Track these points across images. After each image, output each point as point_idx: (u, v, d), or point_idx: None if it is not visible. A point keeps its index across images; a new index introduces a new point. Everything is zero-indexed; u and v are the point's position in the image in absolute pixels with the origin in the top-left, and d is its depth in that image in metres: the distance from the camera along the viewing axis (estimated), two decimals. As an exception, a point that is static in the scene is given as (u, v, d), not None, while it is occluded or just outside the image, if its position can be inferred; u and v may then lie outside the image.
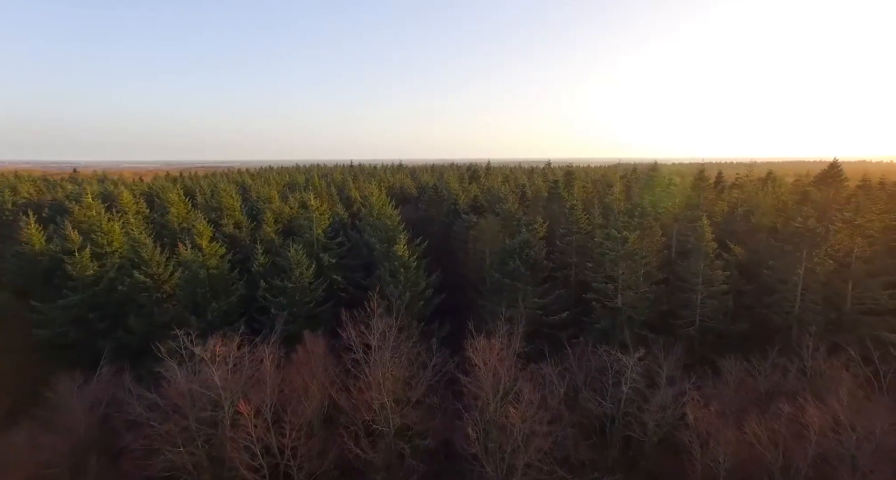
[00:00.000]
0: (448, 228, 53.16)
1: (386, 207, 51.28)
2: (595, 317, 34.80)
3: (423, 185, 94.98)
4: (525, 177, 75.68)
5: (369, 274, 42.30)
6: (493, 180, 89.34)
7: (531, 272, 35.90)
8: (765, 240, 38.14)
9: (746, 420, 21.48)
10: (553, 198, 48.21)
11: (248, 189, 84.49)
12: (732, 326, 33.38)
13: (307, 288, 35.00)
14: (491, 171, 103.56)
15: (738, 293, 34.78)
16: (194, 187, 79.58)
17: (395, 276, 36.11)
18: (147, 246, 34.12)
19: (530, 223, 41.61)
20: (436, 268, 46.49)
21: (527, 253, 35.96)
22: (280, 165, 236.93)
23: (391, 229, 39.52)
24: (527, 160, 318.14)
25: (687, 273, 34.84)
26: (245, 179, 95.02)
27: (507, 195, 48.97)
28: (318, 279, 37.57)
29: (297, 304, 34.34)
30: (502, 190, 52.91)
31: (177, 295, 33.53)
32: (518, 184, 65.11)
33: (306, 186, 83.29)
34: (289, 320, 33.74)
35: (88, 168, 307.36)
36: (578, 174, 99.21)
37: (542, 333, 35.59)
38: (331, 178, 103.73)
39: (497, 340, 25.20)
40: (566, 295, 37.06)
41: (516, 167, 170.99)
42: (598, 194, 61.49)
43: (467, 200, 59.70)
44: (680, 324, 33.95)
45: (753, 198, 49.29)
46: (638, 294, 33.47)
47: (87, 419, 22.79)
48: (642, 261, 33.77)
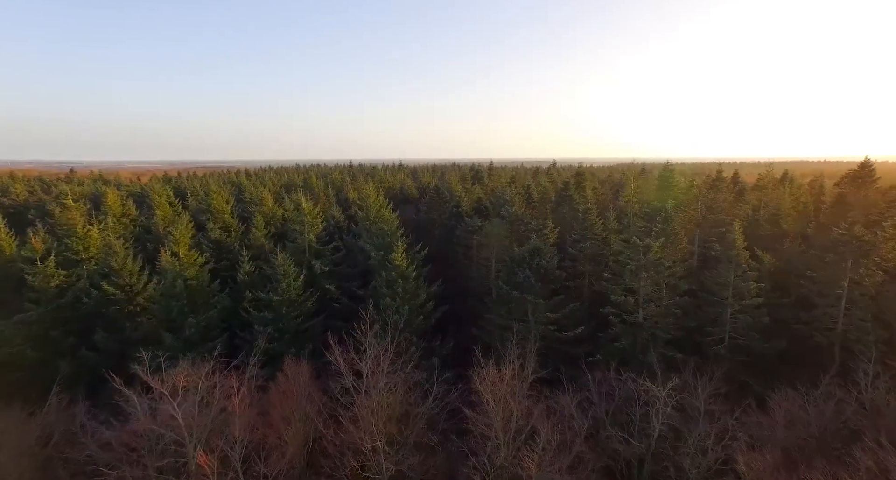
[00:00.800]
0: (450, 232, 49.53)
1: (384, 209, 47.65)
2: (614, 333, 31.14)
3: (424, 185, 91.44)
4: (530, 178, 71.83)
5: (366, 283, 38.67)
6: (497, 180, 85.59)
7: (542, 283, 32.24)
8: (796, 247, 34.38)
9: (807, 468, 17.78)
10: (563, 201, 44.54)
11: (244, 190, 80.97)
12: (767, 343, 29.67)
13: (295, 301, 31.35)
14: (494, 171, 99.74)
15: (772, 307, 31.06)
16: (188, 188, 76.00)
17: (392, 287, 32.46)
18: (118, 254, 30.50)
19: (540, 229, 37.95)
20: (437, 276, 42.88)
21: (538, 262, 32.30)
22: (281, 165, 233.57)
23: (388, 235, 35.88)
24: (528, 160, 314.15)
25: (714, 285, 31.13)
26: (242, 179, 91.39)
27: (513, 198, 45.27)
28: (308, 291, 33.95)
29: (283, 319, 30.72)
30: (508, 192, 49.23)
31: (150, 309, 29.89)
32: (523, 185, 61.41)
33: (304, 186, 79.77)
34: (274, 336, 30.13)
35: (90, 168, 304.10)
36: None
37: (555, 349, 31.99)
38: (329, 178, 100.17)
39: (507, 368, 21.57)
40: (580, 308, 33.35)
41: (519, 167, 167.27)
42: (609, 196, 57.74)
43: (470, 202, 56.05)
44: (708, 342, 30.24)
45: (776, 200, 45.52)
46: (662, 308, 29.77)
47: (25, 462, 19.14)
48: (667, 272, 30.07)
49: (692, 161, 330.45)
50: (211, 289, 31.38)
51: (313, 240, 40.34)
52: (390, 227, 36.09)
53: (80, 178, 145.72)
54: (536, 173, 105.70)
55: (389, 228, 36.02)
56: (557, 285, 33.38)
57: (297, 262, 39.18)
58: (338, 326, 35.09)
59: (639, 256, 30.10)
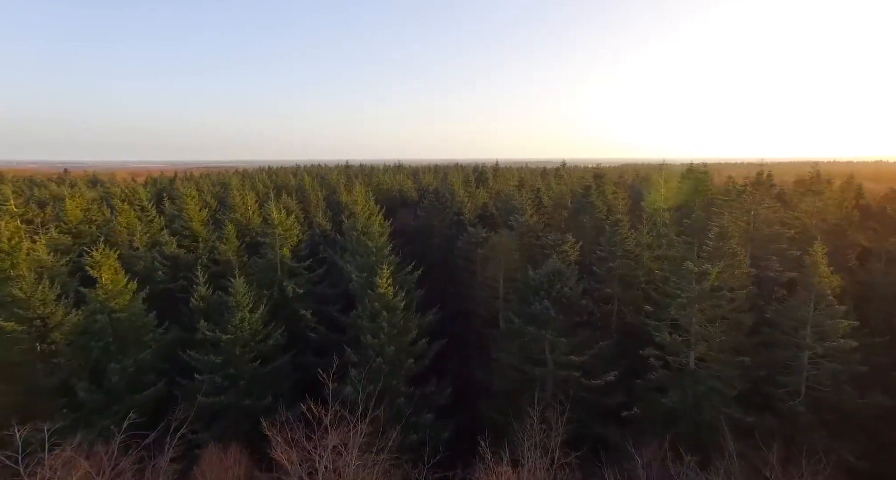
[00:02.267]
0: (451, 241, 42.34)
1: (374, 217, 40.59)
2: (655, 379, 24.00)
3: (424, 187, 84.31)
4: (539, 179, 64.33)
5: (350, 305, 31.60)
6: (504, 182, 78.30)
7: (564, 316, 25.13)
8: (882, 269, 27.04)
9: None
10: (583, 208, 37.29)
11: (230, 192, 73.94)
12: (861, 400, 22.42)
13: (249, 341, 24.32)
14: (500, 172, 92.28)
15: (862, 349, 23.77)
16: (165, 191, 69.07)
17: (375, 320, 25.43)
18: (25, 279, 23.57)
19: (558, 244, 30.77)
20: (435, 296, 35.82)
21: (558, 290, 25.15)
22: (281, 165, 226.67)
23: (373, 253, 28.80)
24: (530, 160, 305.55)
25: (786, 320, 23.89)
26: (232, 180, 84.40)
27: (523, 204, 38.07)
28: (272, 324, 26.96)
29: (233, 363, 23.72)
30: (517, 196, 42.15)
31: (63, 351, 22.94)
32: (532, 188, 54.16)
33: (296, 189, 72.70)
34: (221, 386, 23.15)
35: (92, 168, 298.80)
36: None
37: (580, 398, 24.92)
38: (325, 180, 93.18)
39: (526, 462, 14.52)
40: (610, 347, 26.12)
41: (524, 168, 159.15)
42: (628, 201, 50.44)
43: (474, 207, 48.90)
44: (777, 395, 23.01)
45: (838, 209, 38.14)
46: (724, 355, 22.56)
47: None
48: (728, 305, 22.86)
49: (694, 161, 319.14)
50: (146, 323, 24.33)
51: (287, 256, 33.34)
52: (376, 243, 28.96)
53: (73, 178, 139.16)
54: (545, 175, 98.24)
55: (375, 244, 28.91)
56: (583, 317, 26.21)
57: (267, 282, 32.26)
58: (310, 364, 28.14)
59: (691, 284, 22.88)
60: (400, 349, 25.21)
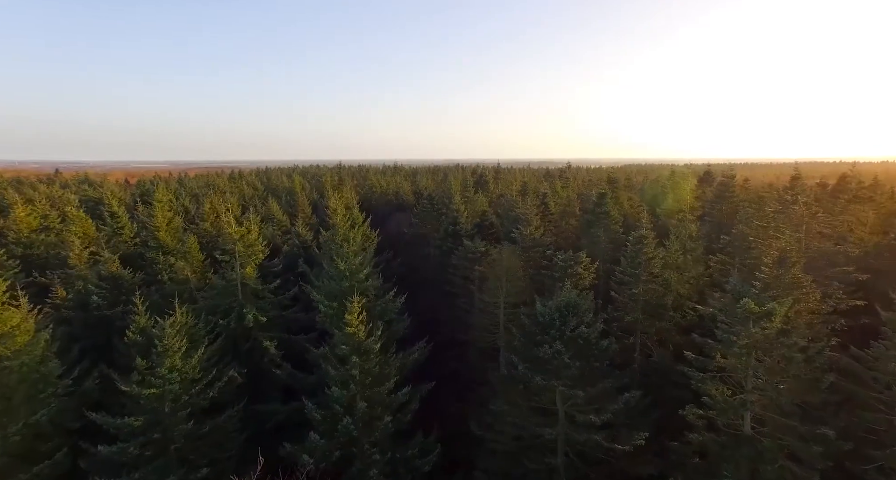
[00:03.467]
0: (446, 255, 36.82)
1: (359, 229, 35.15)
2: (699, 444, 18.50)
3: (421, 189, 78.77)
4: (543, 183, 58.36)
5: (327, 334, 26.09)
6: (505, 185, 72.58)
7: (580, 361, 19.60)
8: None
9: None
10: (597, 219, 31.64)
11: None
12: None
13: (184, 392, 18.84)
14: (501, 175, 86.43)
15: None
16: (137, 194, 63.49)
17: (344, 365, 19.98)
18: None
19: (570, 265, 25.19)
20: (425, 324, 30.35)
21: (573, 328, 19.60)
22: (281, 165, 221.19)
23: (346, 278, 23.25)
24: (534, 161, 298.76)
25: (870, 372, 18.32)
26: (218, 182, 78.88)
27: (528, 214, 32.50)
28: (224, 362, 21.55)
29: (162, 423, 18.26)
30: (520, 204, 36.65)
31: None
32: (537, 192, 48.57)
33: (286, 193, 67.26)
34: (140, 458, 17.68)
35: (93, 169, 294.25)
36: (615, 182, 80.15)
37: (602, 462, 19.52)
38: (319, 181, 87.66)
39: None
40: (637, 398, 20.48)
41: (527, 169, 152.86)
42: (644, 209, 44.63)
43: (473, 215, 43.34)
44: (865, 472, 17.42)
45: (890, 217, 32.40)
46: (795, 420, 16.99)
47: None
48: (800, 355, 17.27)
49: (698, 162, 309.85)
50: (45, 373, 18.80)
51: (251, 276, 27.92)
52: (349, 265, 23.36)
53: (63, 179, 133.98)
54: (549, 177, 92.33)
55: (348, 266, 23.32)
56: (603, 363, 20.65)
57: (225, 309, 26.84)
58: (269, 413, 22.74)
59: (749, 327, 17.30)
60: (374, 403, 19.75)
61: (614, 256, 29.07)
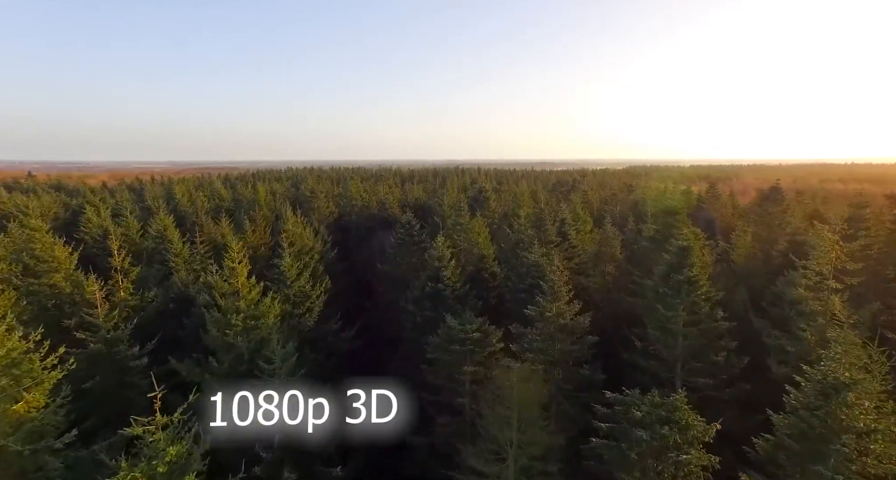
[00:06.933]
0: (425, 327, 23.01)
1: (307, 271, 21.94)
2: None
3: (410, 201, 65.02)
4: (563, 207, 40.77)
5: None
6: (509, 199, 58.79)
7: None
8: None
9: None
10: (673, 289, 17.88)
11: (194, 201, 54.68)
12: None
13: None
14: (503, 190, 72.01)
15: None
16: (86, 201, 49.73)
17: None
18: None
19: (662, 414, 11.89)
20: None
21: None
22: (285, 165, 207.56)
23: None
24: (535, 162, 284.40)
25: None
26: (175, 188, 64.99)
27: (553, 282, 18.85)
28: None
29: None
30: (534, 249, 23.69)
31: None
32: (554, 218, 35.06)
33: (248, 206, 53.44)
34: None
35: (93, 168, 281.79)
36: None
37: None
38: (299, 188, 74.07)
39: None
40: None
41: (530, 172, 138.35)
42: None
43: (466, 259, 29.85)
44: None
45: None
46: None
47: None
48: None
49: (700, 164, 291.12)
50: None
51: (122, 339, 14.85)
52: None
53: (34, 183, 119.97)
54: (560, 189, 77.68)
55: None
56: None
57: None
58: None
59: None
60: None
61: (703, 356, 15.73)
